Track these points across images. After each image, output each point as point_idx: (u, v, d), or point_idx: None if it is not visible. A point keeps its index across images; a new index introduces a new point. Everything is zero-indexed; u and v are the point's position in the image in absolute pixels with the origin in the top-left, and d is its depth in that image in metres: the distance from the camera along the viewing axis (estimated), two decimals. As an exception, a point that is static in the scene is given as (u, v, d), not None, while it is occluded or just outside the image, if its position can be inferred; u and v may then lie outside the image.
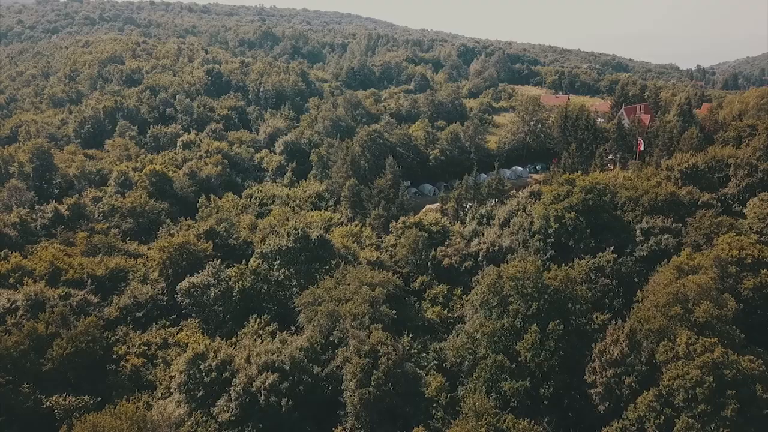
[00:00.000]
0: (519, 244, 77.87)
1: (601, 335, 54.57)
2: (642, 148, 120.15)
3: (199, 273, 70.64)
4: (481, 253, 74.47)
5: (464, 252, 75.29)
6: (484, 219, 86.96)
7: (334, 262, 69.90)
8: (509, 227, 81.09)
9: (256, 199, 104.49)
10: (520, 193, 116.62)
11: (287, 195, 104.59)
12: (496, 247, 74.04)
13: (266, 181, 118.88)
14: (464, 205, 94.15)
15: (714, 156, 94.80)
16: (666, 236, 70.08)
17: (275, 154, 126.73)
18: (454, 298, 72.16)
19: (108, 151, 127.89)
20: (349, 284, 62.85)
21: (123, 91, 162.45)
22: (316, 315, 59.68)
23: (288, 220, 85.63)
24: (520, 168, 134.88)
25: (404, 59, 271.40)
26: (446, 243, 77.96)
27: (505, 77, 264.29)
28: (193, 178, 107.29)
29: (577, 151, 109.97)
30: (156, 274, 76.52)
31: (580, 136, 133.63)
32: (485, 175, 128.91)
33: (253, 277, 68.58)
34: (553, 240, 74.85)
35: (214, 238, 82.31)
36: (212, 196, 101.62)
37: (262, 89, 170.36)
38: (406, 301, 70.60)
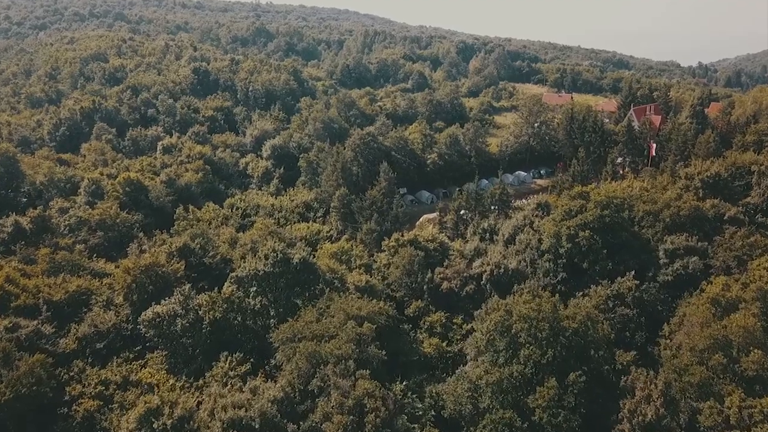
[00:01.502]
0: (526, 264, 69.96)
1: (625, 378, 46.84)
2: (654, 153, 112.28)
3: (167, 299, 62.57)
4: (484, 276, 66.43)
5: (465, 274, 67.21)
6: (487, 234, 78.93)
7: (318, 288, 61.88)
8: (515, 245, 73.15)
9: (238, 209, 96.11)
10: (524, 202, 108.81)
11: (272, 205, 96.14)
12: (501, 270, 65.98)
13: (251, 189, 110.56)
14: (465, 217, 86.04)
15: (734, 162, 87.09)
16: (693, 258, 62.12)
17: (262, 158, 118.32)
18: (454, 327, 64.21)
19: (84, 156, 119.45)
20: (333, 316, 54.88)
21: (104, 91, 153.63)
22: (295, 354, 51.73)
23: (270, 236, 77.44)
24: (523, 173, 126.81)
25: (401, 56, 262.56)
26: (445, 263, 69.88)
27: (506, 75, 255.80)
28: (171, 186, 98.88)
29: (588, 157, 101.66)
30: (121, 298, 68.37)
31: (587, 138, 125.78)
32: (486, 181, 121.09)
33: (225, 306, 60.42)
34: (564, 261, 67.00)
35: (188, 257, 74.15)
36: (190, 207, 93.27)
37: (251, 88, 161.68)
38: (400, 329, 62.65)
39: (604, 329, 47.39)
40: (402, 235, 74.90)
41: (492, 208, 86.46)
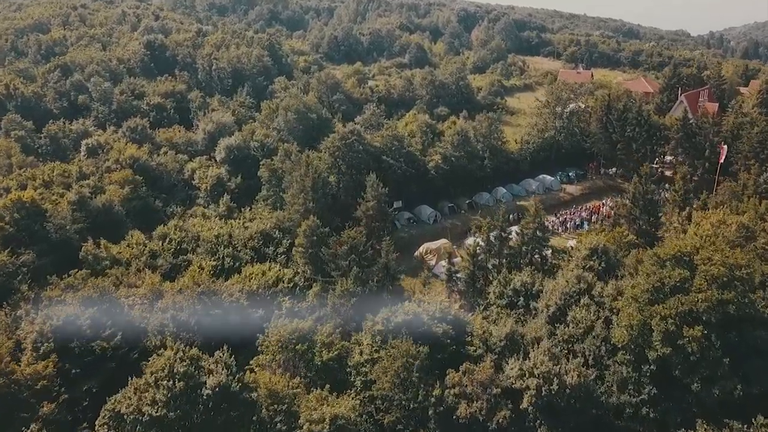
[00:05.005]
0: (586, 363, 44.81)
1: None
2: (722, 159, 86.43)
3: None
4: (526, 397, 41.09)
5: (494, 390, 41.80)
6: (521, 299, 53.55)
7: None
8: (567, 325, 47.74)
9: (171, 241, 70.08)
10: (555, 221, 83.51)
11: (217, 236, 69.95)
12: (555, 386, 40.63)
13: (198, 205, 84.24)
14: (484, 264, 60.30)
15: None
16: None
17: (215, 163, 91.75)
18: (479, 484, 39.34)
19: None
20: None
21: (34, 70, 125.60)
22: None
23: (198, 299, 51.90)
24: (549, 177, 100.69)
25: (397, 26, 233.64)
26: (461, 365, 44.16)
27: (513, 47, 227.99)
28: (82, 208, 72.58)
29: (652, 174, 75.25)
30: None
31: (628, 133, 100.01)
32: (504, 189, 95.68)
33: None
34: (653, 368, 41.81)
35: (69, 342, 48.61)
36: (102, 242, 67.21)
37: (214, 67, 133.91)
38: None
39: None
40: (395, 311, 48.98)
41: (524, 249, 60.64)
